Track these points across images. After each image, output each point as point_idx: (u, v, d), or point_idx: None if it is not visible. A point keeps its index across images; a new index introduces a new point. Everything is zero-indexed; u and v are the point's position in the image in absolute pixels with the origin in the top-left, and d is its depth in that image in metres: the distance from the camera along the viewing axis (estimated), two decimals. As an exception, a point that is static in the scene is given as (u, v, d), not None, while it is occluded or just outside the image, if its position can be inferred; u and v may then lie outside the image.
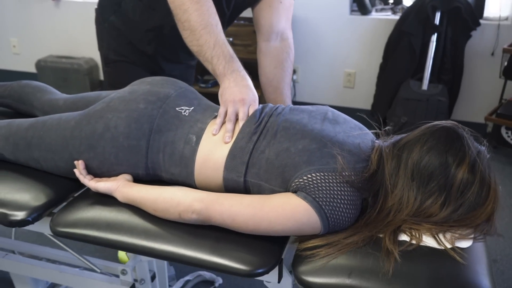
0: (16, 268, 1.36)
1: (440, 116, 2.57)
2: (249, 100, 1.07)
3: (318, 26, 2.96)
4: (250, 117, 1.06)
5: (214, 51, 1.10)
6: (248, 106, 1.07)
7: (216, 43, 1.10)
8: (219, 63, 1.09)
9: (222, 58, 1.10)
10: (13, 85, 1.46)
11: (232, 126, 1.04)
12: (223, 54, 1.10)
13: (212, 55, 1.10)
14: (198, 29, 1.10)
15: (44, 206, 1.08)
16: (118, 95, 1.12)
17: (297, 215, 0.90)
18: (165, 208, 0.96)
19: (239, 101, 1.06)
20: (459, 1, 2.49)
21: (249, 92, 1.09)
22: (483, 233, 0.94)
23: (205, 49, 1.10)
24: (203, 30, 1.10)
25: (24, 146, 1.14)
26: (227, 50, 1.11)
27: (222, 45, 1.11)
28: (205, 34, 1.10)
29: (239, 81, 1.09)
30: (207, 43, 1.10)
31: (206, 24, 1.11)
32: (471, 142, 0.95)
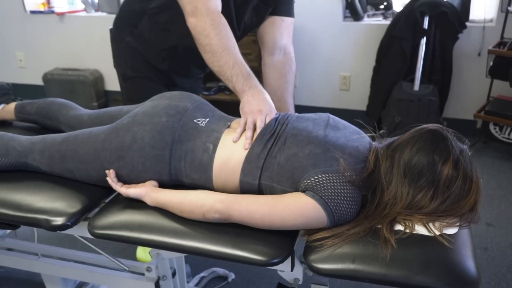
0: (49, 269, 1.49)
1: (432, 115, 2.72)
2: (266, 111, 1.20)
3: (313, 33, 3.10)
4: (266, 126, 1.18)
5: (233, 71, 1.23)
6: (265, 116, 1.20)
7: (235, 63, 1.23)
8: (238, 81, 1.22)
9: (241, 76, 1.23)
10: (39, 103, 1.59)
11: (251, 134, 1.17)
12: (241, 72, 1.23)
13: (232, 74, 1.23)
14: (218, 51, 1.23)
15: (81, 212, 1.21)
16: (142, 110, 1.26)
17: (307, 211, 1.04)
18: (190, 209, 1.10)
19: (257, 112, 1.19)
20: (446, 6, 2.64)
21: (266, 104, 1.21)
22: (467, 221, 1.08)
23: (225, 69, 1.23)
24: (223, 52, 1.23)
25: (59, 159, 1.27)
26: (244, 69, 1.24)
27: (240, 64, 1.24)
28: (225, 56, 1.23)
29: (256, 95, 1.22)
30: (227, 63, 1.23)
31: (226, 46, 1.24)
32: (455, 142, 1.09)
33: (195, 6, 1.27)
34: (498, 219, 2.21)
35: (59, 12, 3.55)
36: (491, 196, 2.41)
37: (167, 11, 1.48)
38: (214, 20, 1.26)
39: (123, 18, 1.61)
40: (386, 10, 3.11)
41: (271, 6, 1.49)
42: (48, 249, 1.79)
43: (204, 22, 1.26)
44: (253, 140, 1.17)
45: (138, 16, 1.54)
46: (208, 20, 1.26)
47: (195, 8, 1.27)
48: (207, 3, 1.27)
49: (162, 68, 1.60)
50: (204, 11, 1.26)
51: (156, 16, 1.50)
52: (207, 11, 1.27)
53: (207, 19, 1.26)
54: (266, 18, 1.53)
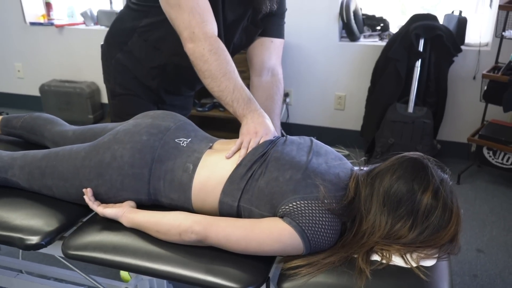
0: (28, 287, 1.48)
1: (426, 137, 2.71)
2: (261, 133, 1.21)
3: (309, 52, 3.11)
4: (256, 147, 1.18)
5: (234, 95, 1.23)
6: (260, 138, 1.20)
7: (235, 88, 1.23)
8: (239, 106, 1.23)
9: (241, 101, 1.23)
10: (25, 117, 1.59)
11: (244, 152, 1.17)
12: (242, 97, 1.23)
13: (233, 99, 1.23)
14: (218, 76, 1.23)
15: (56, 231, 1.19)
16: (123, 128, 1.25)
17: (283, 238, 1.02)
18: (167, 230, 1.08)
19: (253, 133, 1.20)
20: (441, 29, 2.64)
21: (263, 126, 1.22)
22: (446, 252, 1.06)
23: (226, 94, 1.23)
24: (223, 77, 1.23)
25: (38, 175, 1.26)
26: (245, 94, 1.24)
27: (240, 89, 1.24)
28: (225, 81, 1.23)
29: (255, 118, 1.23)
30: (227, 88, 1.23)
31: (225, 71, 1.24)
32: (435, 171, 1.07)
33: (192, 32, 1.27)
34: (489, 246, 2.19)
35: (59, 24, 3.57)
36: (483, 222, 2.38)
37: (157, 30, 1.48)
38: (212, 45, 1.26)
39: (114, 34, 1.61)
40: (383, 31, 3.12)
41: (260, 27, 1.49)
42: (31, 266, 1.77)
43: (203, 48, 1.26)
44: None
45: (128, 33, 1.54)
46: (207, 45, 1.26)
47: (193, 34, 1.27)
48: (204, 28, 1.27)
49: (151, 86, 1.60)
50: (202, 36, 1.26)
51: (146, 34, 1.51)
52: (205, 36, 1.26)
53: (205, 44, 1.26)
54: (256, 39, 1.52)
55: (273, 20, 1.50)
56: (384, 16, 3.17)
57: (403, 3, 3.34)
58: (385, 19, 3.14)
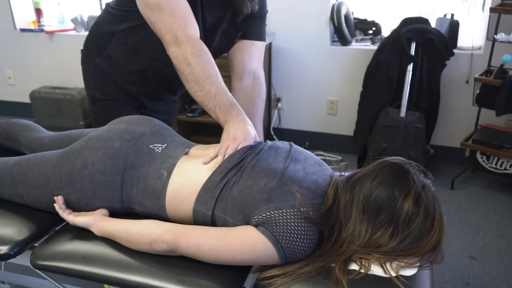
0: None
1: (418, 142, 2.67)
2: (240, 139, 1.17)
3: (300, 56, 3.08)
4: (232, 154, 1.14)
5: (216, 101, 1.19)
6: (238, 144, 1.16)
7: (217, 92, 1.20)
8: (221, 111, 1.19)
9: (223, 106, 1.19)
10: (1, 124, 1.55)
11: (221, 159, 1.13)
12: (224, 102, 1.20)
13: (215, 104, 1.19)
14: (201, 80, 1.20)
15: (26, 240, 1.15)
16: (96, 134, 1.21)
17: (256, 247, 0.98)
18: (137, 239, 1.04)
19: (232, 139, 1.16)
20: (433, 33, 2.61)
21: (242, 132, 1.18)
22: (428, 261, 1.01)
23: (208, 99, 1.20)
24: (205, 81, 1.20)
25: (9, 182, 1.22)
26: (227, 99, 1.21)
27: (222, 93, 1.20)
28: (208, 85, 1.20)
29: (235, 124, 1.19)
30: (209, 93, 1.19)
31: (208, 75, 1.20)
32: (417, 177, 1.03)
33: (175, 35, 1.24)
34: (482, 252, 2.14)
35: (49, 30, 3.54)
36: (476, 228, 2.34)
37: (136, 34, 1.45)
38: (195, 48, 1.23)
39: (92, 39, 1.58)
40: (375, 35, 3.09)
41: (240, 30, 1.46)
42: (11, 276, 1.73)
43: (185, 51, 1.22)
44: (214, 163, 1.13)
45: (107, 37, 1.51)
46: (189, 48, 1.22)
47: (175, 37, 1.24)
48: (187, 31, 1.24)
49: (131, 91, 1.56)
50: (185, 39, 1.23)
51: (125, 38, 1.47)
52: (188, 39, 1.23)
53: (188, 47, 1.22)
54: (236, 42, 1.49)
55: (254, 22, 1.47)
56: (378, 21, 3.13)
57: (400, 8, 3.31)
58: (377, 23, 3.12)
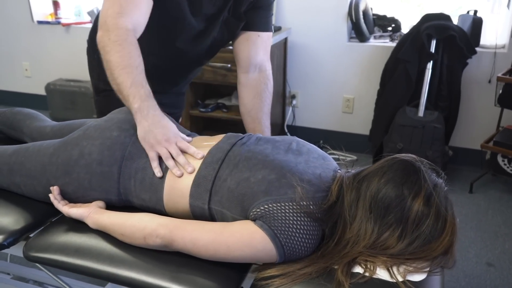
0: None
1: (436, 143, 2.57)
2: (173, 138, 1.11)
3: (317, 52, 3.01)
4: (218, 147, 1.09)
5: (131, 90, 1.12)
6: (175, 143, 1.10)
7: (132, 83, 1.13)
8: (135, 101, 1.12)
9: (138, 97, 1.12)
10: (5, 112, 1.53)
11: (172, 163, 1.08)
12: (139, 93, 1.13)
13: (129, 93, 1.12)
14: (117, 68, 1.14)
15: (21, 231, 1.12)
16: (94, 123, 1.18)
17: (253, 242, 0.93)
18: (132, 232, 1.00)
19: (165, 141, 1.10)
20: (454, 30, 2.51)
21: (168, 131, 1.12)
22: (439, 266, 0.95)
23: (122, 88, 1.13)
24: (122, 70, 1.13)
25: (6, 171, 1.20)
26: (143, 91, 1.13)
27: (138, 86, 1.13)
28: (124, 74, 1.13)
29: (156, 121, 1.12)
30: (124, 82, 1.13)
31: (126, 65, 1.14)
32: (428, 175, 0.97)
33: (105, 21, 1.18)
34: (500, 259, 2.04)
35: (65, 23, 3.55)
36: (495, 234, 2.24)
37: None
38: (118, 37, 1.16)
39: (96, 28, 1.54)
40: (394, 32, 3.00)
41: (242, 20, 1.40)
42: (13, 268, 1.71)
43: (108, 38, 1.16)
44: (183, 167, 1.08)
45: None
46: (113, 36, 1.16)
47: (104, 22, 1.18)
48: (117, 19, 1.17)
49: None
50: (111, 27, 1.17)
51: None
52: (114, 27, 1.17)
53: (112, 35, 1.16)
54: (240, 33, 1.43)
55: (259, 12, 1.41)
56: (398, 17, 3.04)
57: (423, 7, 3.19)
58: (397, 20, 3.02)
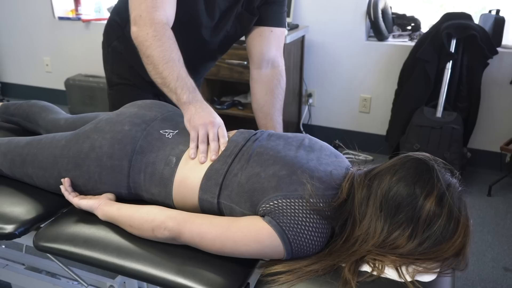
0: (14, 278, 1.43)
1: (454, 144, 2.53)
2: (218, 123, 1.11)
3: (334, 51, 2.98)
4: (231, 141, 1.09)
5: (178, 83, 1.14)
6: (218, 128, 1.10)
7: (179, 76, 1.14)
8: (183, 93, 1.13)
9: (186, 89, 1.14)
10: (22, 105, 1.55)
11: (204, 147, 1.08)
12: (187, 85, 1.14)
13: (176, 86, 1.14)
14: (161, 63, 1.15)
15: (32, 221, 1.13)
16: (106, 117, 1.18)
17: (261, 238, 0.92)
18: (140, 224, 1.00)
19: (209, 124, 1.10)
20: (475, 29, 2.46)
21: (216, 116, 1.13)
22: (450, 267, 0.92)
23: (169, 81, 1.14)
24: (165, 64, 1.15)
25: (19, 163, 1.21)
26: (190, 83, 1.15)
27: (185, 78, 1.15)
28: (168, 68, 1.14)
29: (204, 107, 1.13)
30: (170, 75, 1.14)
31: (168, 59, 1.15)
32: (442, 174, 0.94)
33: (139, 15, 1.19)
34: (518, 264, 1.99)
35: (85, 19, 3.59)
36: (513, 238, 2.19)
37: None
38: (157, 32, 1.17)
39: (111, 22, 1.56)
40: (413, 31, 2.95)
41: (255, 15, 1.39)
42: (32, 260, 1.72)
43: (147, 33, 1.17)
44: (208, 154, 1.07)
45: (124, 21, 1.48)
46: (151, 31, 1.17)
47: (139, 17, 1.19)
48: (153, 13, 1.18)
49: (147, 77, 1.52)
50: (148, 22, 1.18)
51: None
52: (151, 22, 1.18)
53: (150, 30, 1.17)
54: (253, 28, 1.42)
55: (273, 7, 1.40)
56: (418, 16, 2.99)
57: (445, 8, 3.12)
58: (417, 19, 2.98)
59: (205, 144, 1.08)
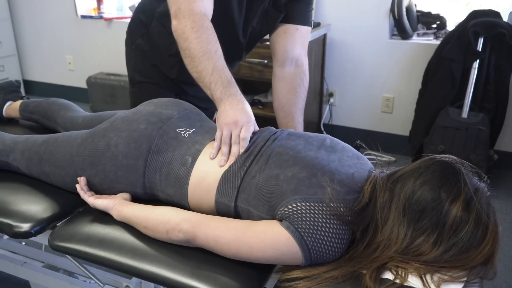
0: (31, 276, 1.43)
1: (480, 146, 2.45)
2: (242, 122, 1.07)
3: (356, 49, 2.92)
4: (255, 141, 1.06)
5: (212, 77, 1.11)
6: (241, 128, 1.06)
7: (214, 69, 1.11)
8: (217, 88, 1.10)
9: (220, 83, 1.11)
10: (41, 102, 1.55)
11: (227, 149, 1.04)
12: (221, 79, 1.11)
13: (210, 80, 1.11)
14: (197, 55, 1.12)
15: (48, 220, 1.12)
16: (122, 115, 1.17)
17: (278, 244, 0.89)
18: (155, 225, 0.98)
19: (233, 124, 1.06)
20: (503, 27, 2.37)
21: (243, 114, 1.08)
22: (478, 276, 0.88)
23: (204, 75, 1.12)
24: (202, 57, 1.12)
25: (37, 160, 1.20)
26: (224, 76, 1.12)
27: (220, 70, 1.12)
28: (204, 61, 1.12)
29: (234, 104, 1.09)
30: (205, 69, 1.12)
31: (205, 51, 1.12)
32: (469, 178, 0.90)
33: (178, 8, 1.17)
34: (547, 272, 1.91)
35: (107, 17, 3.61)
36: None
37: None
38: (195, 23, 1.15)
39: (135, 20, 1.55)
40: (439, 29, 2.88)
41: (282, 12, 1.36)
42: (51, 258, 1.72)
43: (185, 25, 1.15)
44: (229, 157, 1.03)
45: (148, 18, 1.47)
46: (189, 22, 1.15)
47: (178, 10, 1.17)
48: (191, 5, 1.16)
49: (170, 75, 1.51)
50: (187, 13, 1.16)
51: (163, 19, 1.42)
52: (190, 13, 1.16)
53: (188, 21, 1.15)
54: (278, 25, 1.39)
55: (299, 5, 1.37)
56: (443, 14, 2.91)
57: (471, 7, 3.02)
58: (442, 17, 2.90)
59: (227, 146, 1.05)
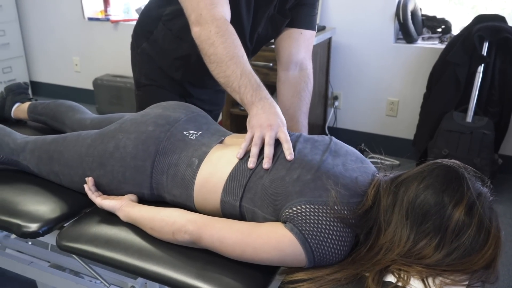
0: (39, 276, 1.45)
1: (484, 150, 2.45)
2: (276, 126, 1.05)
3: (361, 53, 2.94)
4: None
5: (241, 81, 1.10)
6: (275, 132, 1.05)
7: (242, 73, 1.11)
8: (247, 91, 1.09)
9: (250, 87, 1.10)
10: (49, 104, 1.57)
11: (257, 150, 1.03)
12: (250, 83, 1.10)
13: (240, 84, 1.10)
14: (224, 60, 1.12)
15: (56, 220, 1.14)
16: (131, 117, 1.19)
17: (282, 245, 0.90)
18: (161, 227, 1.00)
19: (267, 127, 1.05)
20: (509, 32, 2.38)
21: (276, 118, 1.07)
22: (480, 280, 0.88)
23: (232, 80, 1.11)
24: (229, 61, 1.11)
25: (46, 160, 1.22)
26: (253, 80, 1.11)
27: (248, 74, 1.11)
28: (232, 65, 1.11)
29: (266, 108, 1.08)
30: (234, 73, 1.11)
31: (232, 55, 1.12)
32: (472, 183, 0.91)
33: (200, 14, 1.17)
34: (550, 277, 1.91)
35: (114, 20, 3.64)
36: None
37: (180, 19, 1.41)
38: (219, 28, 1.16)
39: (141, 23, 1.56)
40: (444, 33, 2.88)
41: (288, 17, 1.38)
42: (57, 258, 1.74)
43: (209, 30, 1.15)
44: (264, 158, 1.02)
45: (154, 22, 1.49)
46: (213, 27, 1.15)
47: (200, 16, 1.18)
48: (212, 10, 1.17)
49: (175, 78, 1.53)
50: (209, 19, 1.16)
51: (169, 23, 1.44)
52: (212, 18, 1.17)
53: (212, 27, 1.15)
54: (283, 30, 1.41)
55: (303, 10, 1.38)
56: (448, 18, 2.92)
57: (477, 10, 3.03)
58: (447, 21, 2.91)
59: (257, 147, 1.03)
